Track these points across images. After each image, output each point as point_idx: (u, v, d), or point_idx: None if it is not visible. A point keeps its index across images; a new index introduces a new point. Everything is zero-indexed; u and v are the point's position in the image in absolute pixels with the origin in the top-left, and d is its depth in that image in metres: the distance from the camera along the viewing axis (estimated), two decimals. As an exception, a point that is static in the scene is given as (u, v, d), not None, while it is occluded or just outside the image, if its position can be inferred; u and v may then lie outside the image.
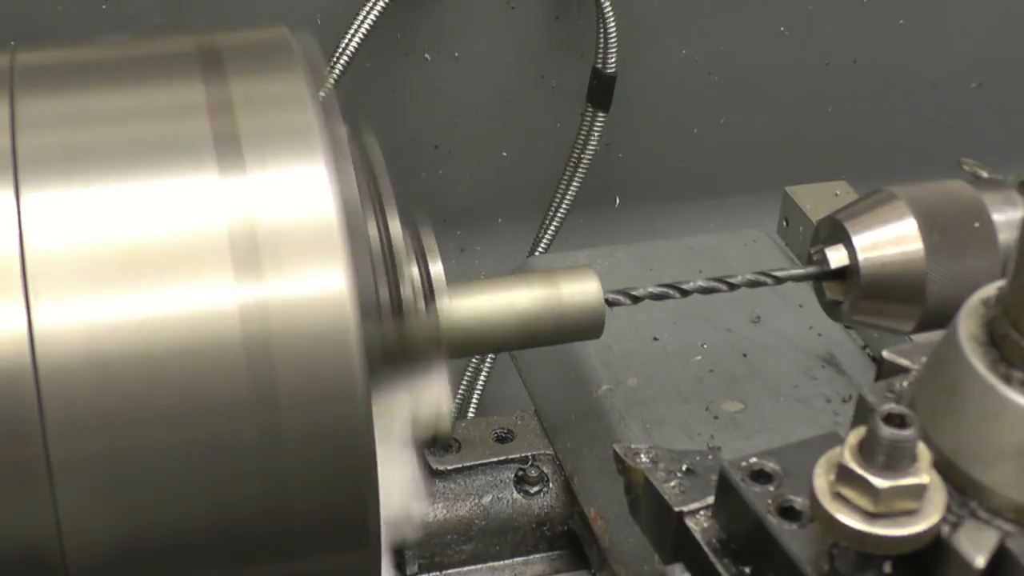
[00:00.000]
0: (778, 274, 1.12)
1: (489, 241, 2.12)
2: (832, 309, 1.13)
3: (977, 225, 1.06)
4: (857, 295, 1.08)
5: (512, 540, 1.31)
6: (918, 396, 0.83)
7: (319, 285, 0.79)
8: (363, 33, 1.78)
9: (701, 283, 1.11)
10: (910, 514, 0.74)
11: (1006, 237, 1.07)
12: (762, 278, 1.12)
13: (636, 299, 1.09)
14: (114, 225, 0.79)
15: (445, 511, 1.28)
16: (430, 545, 1.28)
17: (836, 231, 1.09)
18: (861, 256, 1.07)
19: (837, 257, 1.09)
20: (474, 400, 1.98)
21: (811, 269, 1.11)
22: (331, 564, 0.86)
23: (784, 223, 1.54)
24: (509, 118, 2.03)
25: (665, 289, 1.10)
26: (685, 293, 1.11)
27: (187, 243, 0.79)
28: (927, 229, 1.06)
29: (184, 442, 0.79)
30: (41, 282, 0.77)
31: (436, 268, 0.99)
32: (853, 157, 2.12)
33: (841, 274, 1.09)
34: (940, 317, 1.06)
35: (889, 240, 1.07)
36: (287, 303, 0.79)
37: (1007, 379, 0.76)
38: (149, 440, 0.78)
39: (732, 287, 1.11)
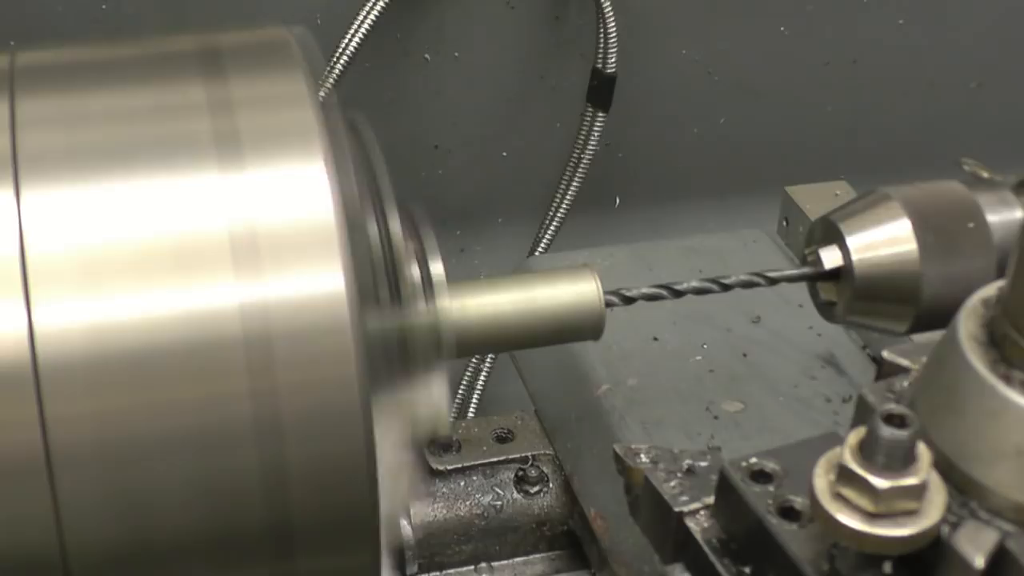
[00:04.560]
0: (772, 275, 1.11)
1: (489, 241, 2.12)
2: (826, 310, 1.12)
3: (971, 226, 1.06)
4: (851, 296, 1.08)
5: (512, 540, 1.31)
6: (918, 396, 0.83)
7: (318, 284, 0.79)
8: (363, 33, 1.78)
9: (695, 284, 1.11)
10: (910, 514, 0.74)
11: (1001, 238, 1.06)
12: (755, 279, 1.11)
13: (629, 300, 1.09)
14: (114, 224, 0.79)
15: (445, 511, 1.28)
16: (430, 545, 1.28)
17: (830, 232, 1.09)
18: (855, 257, 1.07)
19: (831, 258, 1.08)
20: (474, 400, 1.98)
21: (805, 270, 1.10)
22: (331, 564, 0.86)
23: (784, 223, 1.54)
24: (509, 118, 2.03)
25: (658, 290, 1.10)
26: (678, 294, 1.10)
27: (187, 242, 0.79)
28: (921, 230, 1.06)
29: (184, 441, 0.79)
30: (41, 282, 0.77)
31: (436, 268, 0.99)
32: (853, 157, 2.12)
33: (835, 275, 1.09)
34: (934, 318, 1.06)
35: (883, 241, 1.07)
36: (287, 302, 0.79)
37: (1007, 379, 0.76)
38: (149, 440, 0.78)
39: (725, 288, 1.11)
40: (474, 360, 1.99)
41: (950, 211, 1.07)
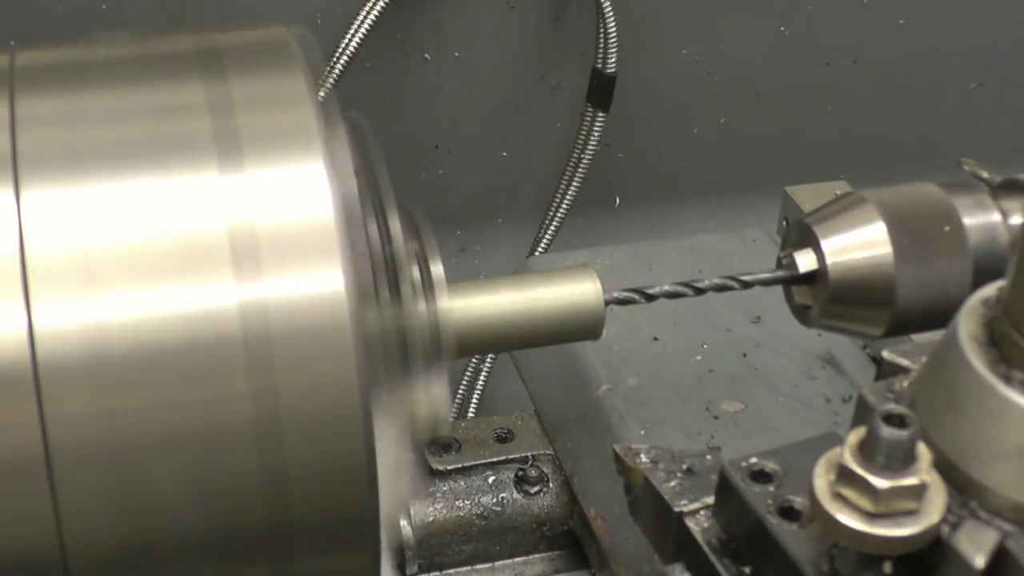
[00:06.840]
0: (746, 278, 1.10)
1: (489, 241, 2.13)
2: (801, 313, 1.11)
3: (947, 229, 1.05)
4: (825, 299, 1.06)
5: (512, 540, 1.31)
6: (918, 396, 0.83)
7: (318, 284, 0.79)
8: (363, 33, 1.78)
9: (667, 288, 1.09)
10: (910, 514, 0.74)
11: (977, 241, 1.05)
12: (729, 282, 1.10)
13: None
14: (114, 224, 0.79)
15: (445, 511, 1.28)
16: (430, 545, 1.28)
17: (805, 235, 1.07)
18: (829, 260, 1.05)
19: (806, 261, 1.07)
20: (474, 400, 1.98)
21: (779, 273, 1.09)
22: (331, 564, 0.86)
23: (784, 223, 1.54)
24: (509, 118, 2.03)
25: (630, 294, 1.08)
26: (650, 298, 1.09)
27: (187, 242, 0.79)
28: (896, 233, 1.04)
29: (184, 441, 0.79)
30: (41, 282, 0.77)
31: (436, 268, 0.99)
32: (853, 157, 2.12)
33: (810, 278, 1.07)
34: (910, 321, 1.05)
35: (858, 244, 1.05)
36: (286, 302, 0.79)
37: (1007, 379, 0.76)
38: (149, 440, 0.78)
39: (699, 292, 1.09)
40: (474, 360, 1.99)
41: (926, 214, 1.06)
